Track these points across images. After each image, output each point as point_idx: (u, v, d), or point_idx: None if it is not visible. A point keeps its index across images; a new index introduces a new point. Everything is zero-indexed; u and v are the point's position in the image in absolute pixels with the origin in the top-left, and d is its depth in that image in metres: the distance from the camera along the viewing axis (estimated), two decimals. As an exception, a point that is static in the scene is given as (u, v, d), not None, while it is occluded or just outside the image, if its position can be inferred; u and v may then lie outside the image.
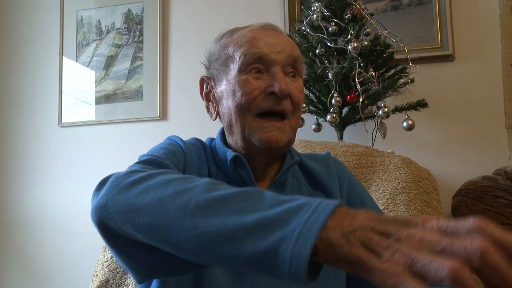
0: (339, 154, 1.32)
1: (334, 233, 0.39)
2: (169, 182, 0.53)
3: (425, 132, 1.74)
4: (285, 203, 0.44)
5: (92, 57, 2.12)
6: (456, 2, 1.78)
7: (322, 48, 1.50)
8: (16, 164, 2.14)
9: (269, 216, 0.43)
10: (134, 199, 0.53)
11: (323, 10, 1.54)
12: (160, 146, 0.76)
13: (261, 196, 0.47)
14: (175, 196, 0.50)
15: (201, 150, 0.81)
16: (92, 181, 2.03)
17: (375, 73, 1.48)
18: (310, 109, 1.59)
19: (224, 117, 0.79)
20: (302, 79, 0.79)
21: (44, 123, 2.14)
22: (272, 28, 0.78)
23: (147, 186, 0.54)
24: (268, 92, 0.73)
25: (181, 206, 0.49)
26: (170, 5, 2.08)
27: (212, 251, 0.45)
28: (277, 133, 0.73)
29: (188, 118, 2.00)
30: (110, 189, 0.56)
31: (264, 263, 0.41)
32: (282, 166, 0.79)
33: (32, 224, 2.08)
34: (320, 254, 0.40)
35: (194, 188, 0.51)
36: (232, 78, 0.75)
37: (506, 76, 1.71)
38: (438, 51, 1.75)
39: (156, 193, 0.52)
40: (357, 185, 0.87)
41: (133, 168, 0.60)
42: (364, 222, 0.40)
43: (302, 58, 0.79)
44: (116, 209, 0.53)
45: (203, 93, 0.84)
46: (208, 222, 0.46)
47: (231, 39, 0.78)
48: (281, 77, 0.72)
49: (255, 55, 0.73)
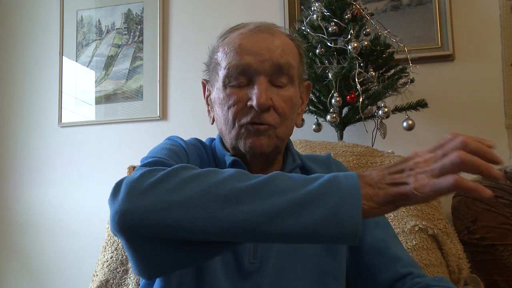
0: (339, 154, 1.32)
1: (367, 189, 0.51)
2: (198, 176, 0.55)
3: (425, 132, 1.74)
4: (317, 179, 0.53)
5: (92, 57, 2.12)
6: (456, 2, 1.77)
7: (322, 48, 1.50)
8: (16, 164, 2.14)
9: (313, 189, 0.51)
10: (168, 196, 0.53)
11: (323, 10, 1.54)
12: (161, 146, 0.75)
13: (291, 177, 0.54)
14: (217, 186, 0.53)
15: (202, 150, 0.81)
16: (92, 181, 2.03)
17: (375, 73, 1.48)
18: (310, 109, 1.59)
19: (217, 124, 0.79)
20: (295, 86, 0.76)
21: (44, 123, 2.14)
22: (264, 29, 0.74)
23: (177, 182, 0.54)
24: (249, 105, 0.71)
25: (228, 194, 0.52)
26: (170, 5, 2.08)
27: (274, 228, 0.51)
28: (260, 138, 0.72)
29: (188, 118, 1.99)
30: (129, 193, 0.54)
31: (324, 227, 0.50)
32: (283, 169, 0.79)
33: (32, 224, 2.08)
34: (365, 210, 0.50)
35: (230, 178, 0.54)
36: (219, 88, 0.74)
37: (506, 76, 1.71)
38: (438, 51, 1.75)
39: (193, 186, 0.53)
40: None
41: (143, 171, 0.57)
42: (380, 173, 0.52)
43: (296, 64, 0.76)
44: (147, 209, 0.52)
45: (205, 96, 0.84)
46: (262, 203, 0.51)
47: (222, 43, 0.76)
48: (261, 89, 0.70)
49: (238, 68, 0.71)
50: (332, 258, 0.77)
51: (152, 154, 0.71)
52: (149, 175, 0.56)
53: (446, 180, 0.47)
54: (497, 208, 1.29)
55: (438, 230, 1.15)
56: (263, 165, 0.78)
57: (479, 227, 1.29)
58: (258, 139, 0.72)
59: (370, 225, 0.81)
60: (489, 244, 1.27)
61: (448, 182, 0.47)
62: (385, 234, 0.81)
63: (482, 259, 1.28)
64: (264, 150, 0.72)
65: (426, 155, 0.51)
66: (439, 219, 1.21)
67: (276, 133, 0.73)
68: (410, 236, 1.13)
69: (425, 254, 1.11)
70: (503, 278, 1.25)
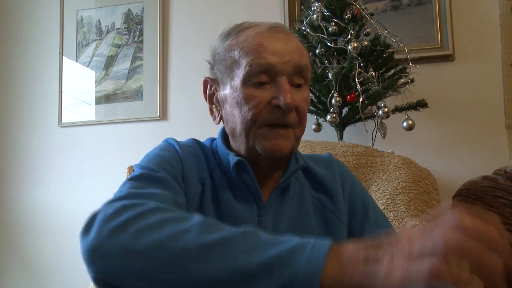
0: (339, 154, 1.32)
1: (333, 267, 0.44)
2: (163, 223, 0.53)
3: (425, 132, 1.74)
4: (282, 243, 0.47)
5: (92, 57, 2.12)
6: (456, 2, 1.77)
7: (322, 48, 1.50)
8: (16, 164, 2.14)
9: (272, 257, 0.46)
10: (129, 242, 0.52)
11: (323, 10, 1.54)
12: (155, 153, 0.74)
13: (257, 236, 0.49)
14: (172, 239, 0.50)
15: (199, 153, 0.80)
16: (92, 181, 2.03)
17: (375, 73, 1.48)
18: (310, 109, 1.59)
19: (228, 124, 0.77)
20: (308, 87, 0.77)
21: (44, 123, 2.14)
22: (280, 30, 0.75)
23: (141, 228, 0.53)
24: (274, 105, 0.70)
25: (181, 249, 0.49)
26: (170, 5, 2.08)
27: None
28: (280, 141, 0.71)
29: (188, 118, 1.99)
30: (100, 230, 0.54)
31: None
32: (286, 170, 0.78)
33: (32, 224, 2.08)
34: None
35: (190, 230, 0.51)
36: (237, 87, 0.72)
37: (506, 76, 1.70)
38: (438, 51, 1.75)
39: (151, 235, 0.51)
40: (359, 187, 0.87)
41: (118, 207, 0.57)
42: (357, 246, 0.45)
43: (309, 65, 0.76)
44: (111, 252, 0.52)
45: (207, 94, 0.82)
46: (212, 266, 0.48)
47: (237, 41, 0.74)
48: (286, 89, 0.70)
49: (262, 67, 0.70)
50: None
51: (145, 163, 0.71)
52: (121, 212, 0.55)
53: (421, 266, 0.38)
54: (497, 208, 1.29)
55: (438, 230, 1.15)
56: (272, 166, 0.77)
57: (479, 227, 1.29)
58: (279, 142, 0.71)
59: (370, 225, 0.81)
60: (489, 244, 1.27)
61: (423, 269, 0.38)
62: None
63: (482, 259, 1.28)
64: (284, 153, 0.72)
65: (413, 234, 0.43)
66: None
67: (295, 133, 0.74)
68: (410, 236, 1.13)
69: (425, 254, 1.11)
70: (503, 278, 1.25)
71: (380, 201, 1.22)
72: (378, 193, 1.25)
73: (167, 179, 0.68)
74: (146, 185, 0.65)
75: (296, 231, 0.76)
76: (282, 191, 0.79)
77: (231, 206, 0.74)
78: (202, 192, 0.75)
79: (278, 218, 0.76)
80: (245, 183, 0.75)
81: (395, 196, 1.22)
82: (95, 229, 0.54)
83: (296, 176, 0.82)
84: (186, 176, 0.73)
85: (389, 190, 1.23)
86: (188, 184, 0.73)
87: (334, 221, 0.79)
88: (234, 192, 0.76)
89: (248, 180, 0.74)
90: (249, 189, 0.75)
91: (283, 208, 0.77)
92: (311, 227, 0.78)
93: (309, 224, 0.78)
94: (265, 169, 0.77)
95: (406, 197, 1.21)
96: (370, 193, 1.26)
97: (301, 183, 0.82)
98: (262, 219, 0.75)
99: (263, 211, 0.75)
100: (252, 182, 0.74)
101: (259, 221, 0.75)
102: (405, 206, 1.19)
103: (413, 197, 1.22)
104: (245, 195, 0.75)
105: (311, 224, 0.78)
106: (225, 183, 0.76)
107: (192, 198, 0.73)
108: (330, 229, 0.79)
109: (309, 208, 0.80)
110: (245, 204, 0.75)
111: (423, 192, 1.26)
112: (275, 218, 0.76)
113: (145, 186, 0.65)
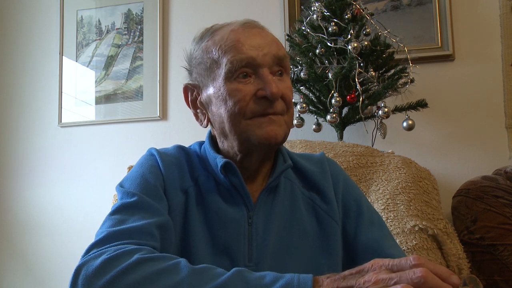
0: (339, 154, 1.32)
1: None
2: (151, 278, 0.54)
3: (425, 132, 1.74)
4: (269, 286, 0.52)
5: (92, 57, 2.12)
6: (456, 2, 1.77)
7: (322, 48, 1.50)
8: (16, 164, 2.14)
9: None
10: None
11: (323, 10, 1.54)
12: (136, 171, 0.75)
13: (245, 282, 0.53)
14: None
15: (183, 161, 0.80)
16: (92, 181, 2.04)
17: (375, 73, 1.48)
18: (310, 109, 1.59)
19: (216, 124, 0.77)
20: (289, 76, 0.78)
21: (44, 123, 2.14)
22: (253, 25, 0.76)
23: (126, 285, 0.54)
24: (260, 96, 0.72)
25: None
26: (170, 5, 2.08)
27: None
28: (274, 127, 0.72)
29: (188, 118, 1.99)
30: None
31: None
32: (274, 170, 0.78)
33: (32, 224, 2.08)
34: None
35: (182, 283, 0.53)
36: (220, 85, 0.73)
37: (506, 76, 1.71)
38: (438, 51, 1.75)
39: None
40: (352, 186, 0.87)
41: (102, 261, 0.58)
42: (331, 284, 0.51)
43: (287, 55, 0.78)
44: None
45: (189, 101, 0.82)
46: None
47: (213, 41, 0.75)
48: (270, 79, 0.71)
49: (243, 61, 0.71)
50: (328, 257, 0.77)
51: (127, 187, 0.72)
52: (104, 269, 0.56)
53: None
54: (497, 208, 1.29)
55: (438, 230, 1.15)
56: (262, 158, 0.77)
57: (479, 227, 1.29)
58: (274, 128, 0.72)
59: (364, 225, 0.81)
60: (489, 244, 1.27)
61: None
62: (380, 234, 0.80)
63: (482, 259, 1.28)
64: (278, 139, 0.73)
65: (380, 274, 0.48)
66: (439, 219, 1.21)
67: (285, 120, 0.74)
68: (410, 236, 1.13)
69: (425, 254, 1.11)
70: (503, 278, 1.25)
71: (380, 201, 1.22)
72: (378, 193, 1.25)
73: (146, 203, 0.69)
74: (126, 218, 0.66)
75: (289, 231, 0.76)
76: (271, 192, 0.78)
77: (220, 209, 0.75)
78: (186, 201, 0.75)
79: (269, 219, 0.76)
80: (233, 185, 0.75)
81: (395, 196, 1.22)
82: (80, 285, 0.58)
83: (286, 175, 0.82)
84: (168, 188, 0.74)
85: (389, 190, 1.23)
86: (170, 196, 0.74)
87: (327, 221, 0.79)
88: (222, 195, 0.76)
89: (236, 182, 0.74)
90: (237, 191, 0.75)
91: (274, 208, 0.77)
92: (304, 227, 0.78)
93: (303, 224, 0.78)
94: (256, 164, 0.77)
95: (406, 197, 1.21)
96: (370, 193, 1.26)
97: (291, 182, 0.82)
98: (253, 221, 0.75)
99: (254, 212, 0.75)
100: (240, 183, 0.74)
101: (249, 223, 0.75)
102: (405, 206, 1.19)
103: (413, 197, 1.22)
104: (234, 197, 0.76)
105: (305, 223, 0.78)
106: (213, 187, 0.76)
107: (175, 209, 0.73)
108: (325, 230, 0.79)
109: (301, 207, 0.80)
110: (234, 207, 0.75)
111: (423, 192, 1.26)
112: (266, 219, 0.76)
113: (125, 219, 0.66)
